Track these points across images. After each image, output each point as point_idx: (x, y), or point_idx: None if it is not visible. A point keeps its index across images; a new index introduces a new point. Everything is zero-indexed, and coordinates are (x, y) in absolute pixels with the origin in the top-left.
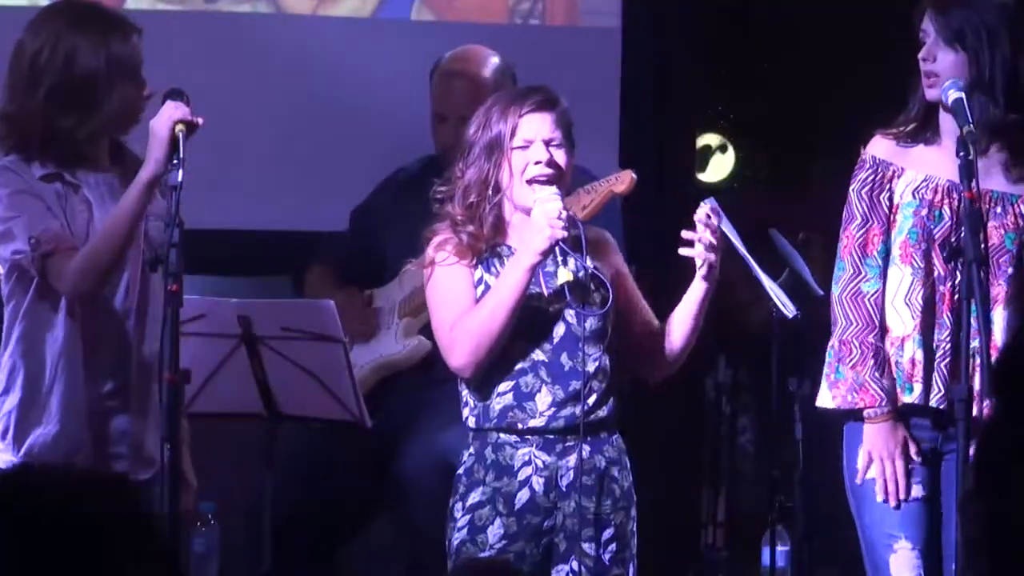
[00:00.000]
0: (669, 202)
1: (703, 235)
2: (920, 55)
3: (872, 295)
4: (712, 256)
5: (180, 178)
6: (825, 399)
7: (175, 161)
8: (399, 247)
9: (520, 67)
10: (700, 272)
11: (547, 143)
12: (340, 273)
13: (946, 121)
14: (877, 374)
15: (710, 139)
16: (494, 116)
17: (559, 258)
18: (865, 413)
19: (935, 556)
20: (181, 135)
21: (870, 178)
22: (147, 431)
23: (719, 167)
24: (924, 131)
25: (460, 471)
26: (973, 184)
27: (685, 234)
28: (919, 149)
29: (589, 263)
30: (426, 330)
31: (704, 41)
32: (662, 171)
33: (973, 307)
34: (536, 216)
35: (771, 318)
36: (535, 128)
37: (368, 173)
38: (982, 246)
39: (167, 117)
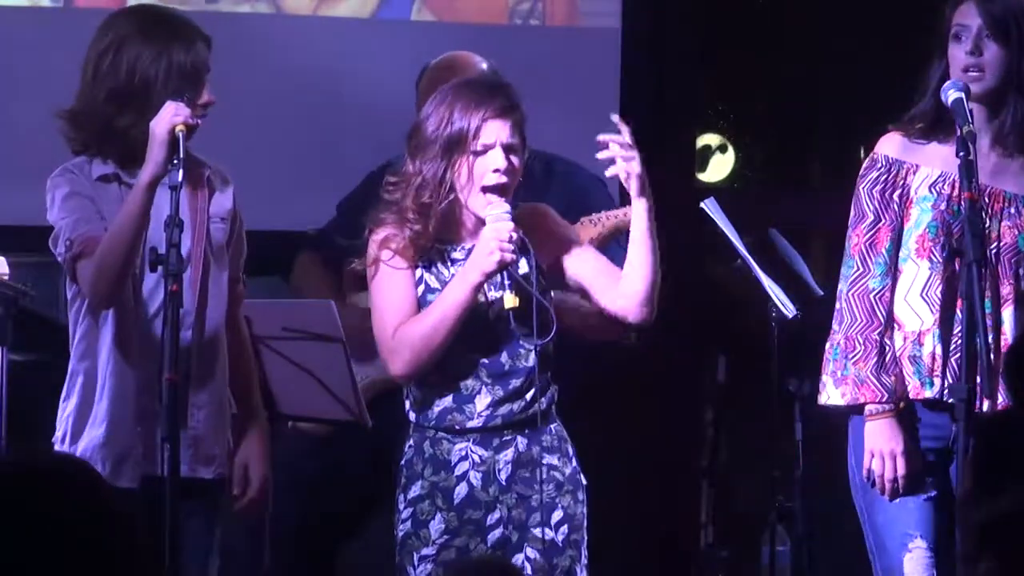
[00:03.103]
0: (669, 202)
1: (615, 150)
2: (965, 48)
3: (878, 292)
4: (636, 168)
5: (180, 178)
6: (833, 396)
7: (175, 161)
8: (345, 242)
9: (520, 67)
10: (633, 190)
11: (505, 148)
12: (328, 263)
13: None
14: (879, 371)
15: (710, 139)
16: (456, 115)
17: (506, 282)
18: (866, 410)
19: (947, 555)
20: (181, 136)
21: (882, 177)
22: (207, 429)
23: (719, 167)
24: (937, 129)
25: (401, 462)
26: (973, 183)
27: (601, 155)
28: (932, 146)
29: (530, 275)
30: None
31: (704, 41)
32: (662, 171)
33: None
34: (487, 236)
35: (771, 318)
36: (495, 134)
37: (368, 172)
38: (986, 247)
39: (167, 118)
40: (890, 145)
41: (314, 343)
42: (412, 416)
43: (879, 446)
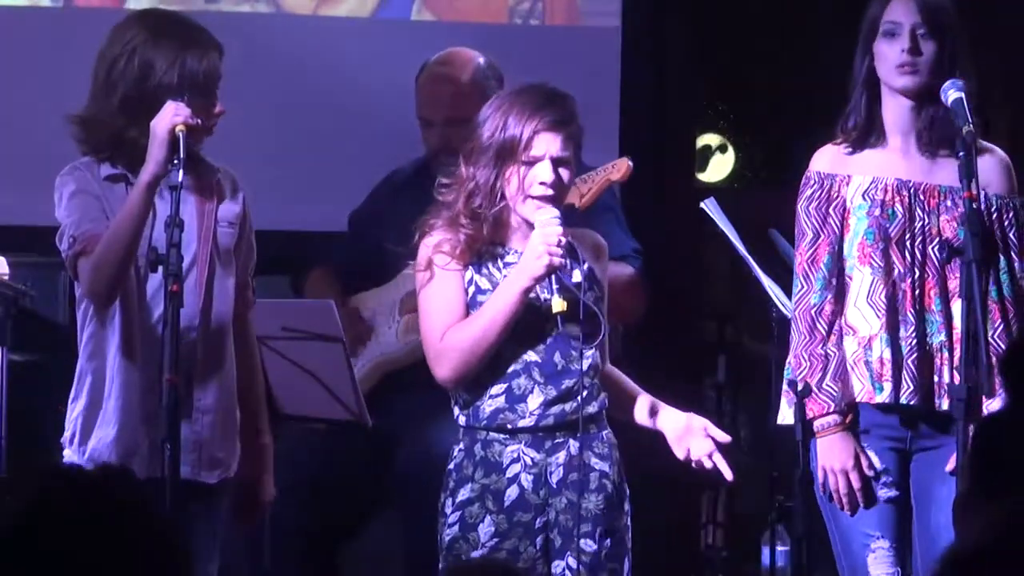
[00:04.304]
0: (669, 202)
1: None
2: (902, 46)
3: (817, 307)
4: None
5: (180, 178)
6: (788, 416)
7: (175, 162)
8: (397, 248)
9: (520, 67)
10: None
11: (555, 161)
12: (340, 276)
13: (890, 118)
14: (822, 381)
15: (710, 139)
16: (511, 122)
17: (555, 286)
18: (815, 426)
19: (908, 553)
20: (181, 136)
21: (816, 193)
22: (212, 433)
23: (719, 167)
24: (869, 135)
25: (450, 466)
26: (973, 182)
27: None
28: (864, 154)
29: (579, 279)
30: None
31: (704, 41)
32: (662, 171)
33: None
34: (535, 241)
35: (771, 318)
36: (545, 146)
37: (368, 173)
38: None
39: (167, 118)
40: (822, 160)
41: (314, 343)
42: (462, 419)
43: (831, 463)
